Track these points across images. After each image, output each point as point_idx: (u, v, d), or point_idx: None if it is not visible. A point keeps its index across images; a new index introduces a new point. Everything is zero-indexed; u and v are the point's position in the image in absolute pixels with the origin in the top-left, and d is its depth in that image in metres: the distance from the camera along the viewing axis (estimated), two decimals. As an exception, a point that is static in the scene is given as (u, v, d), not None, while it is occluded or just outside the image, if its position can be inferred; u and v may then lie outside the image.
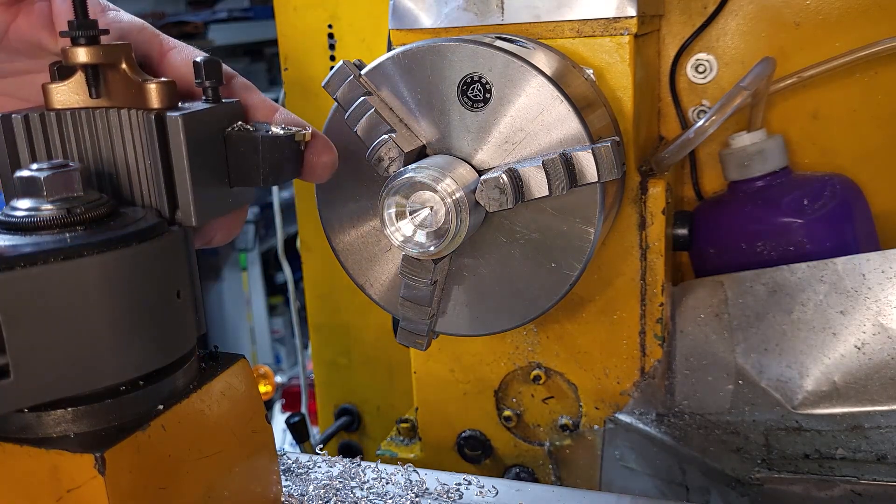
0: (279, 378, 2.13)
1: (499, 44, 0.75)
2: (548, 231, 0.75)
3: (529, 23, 0.87)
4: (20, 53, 0.66)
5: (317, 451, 0.86)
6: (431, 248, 0.71)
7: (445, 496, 0.78)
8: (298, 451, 1.01)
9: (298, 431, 1.44)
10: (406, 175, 0.70)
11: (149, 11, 4.08)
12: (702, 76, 1.07)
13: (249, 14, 4.04)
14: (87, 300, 0.54)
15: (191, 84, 0.64)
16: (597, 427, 0.98)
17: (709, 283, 1.00)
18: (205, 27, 3.78)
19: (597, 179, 0.69)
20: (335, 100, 0.77)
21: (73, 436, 0.56)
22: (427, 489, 0.79)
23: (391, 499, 0.77)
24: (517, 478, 1.04)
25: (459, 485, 0.80)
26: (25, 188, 0.58)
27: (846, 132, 1.05)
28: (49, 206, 0.57)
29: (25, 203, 0.57)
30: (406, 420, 1.15)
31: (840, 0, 1.01)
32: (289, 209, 1.59)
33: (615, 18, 0.84)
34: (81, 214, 0.57)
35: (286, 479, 0.80)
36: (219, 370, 0.67)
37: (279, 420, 2.19)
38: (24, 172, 0.58)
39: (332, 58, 1.34)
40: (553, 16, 0.86)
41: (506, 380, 1.02)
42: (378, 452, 1.14)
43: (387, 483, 0.80)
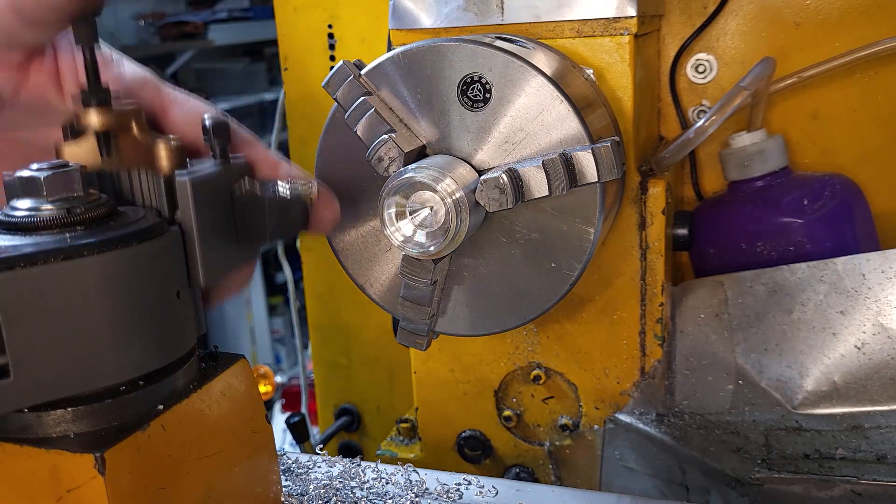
0: (279, 378, 2.13)
1: (499, 44, 0.75)
2: (548, 231, 0.75)
3: (529, 23, 0.87)
4: (30, 111, 0.68)
5: (317, 451, 0.86)
6: (431, 248, 0.71)
7: (445, 496, 0.78)
8: (298, 451, 1.01)
9: (298, 431, 1.44)
10: (406, 175, 0.70)
11: (149, 11, 4.08)
12: (702, 76, 1.07)
13: (249, 14, 4.04)
14: (87, 300, 0.54)
15: (193, 139, 0.66)
16: (597, 427, 0.98)
17: (709, 283, 1.00)
18: (205, 27, 3.79)
19: (597, 179, 0.69)
20: (335, 100, 0.77)
21: (73, 436, 0.56)
22: (427, 489, 0.79)
23: (391, 499, 0.77)
24: (517, 478, 1.04)
25: (459, 485, 0.80)
26: (25, 188, 0.58)
27: (846, 132, 1.05)
28: (49, 206, 0.57)
29: (25, 203, 0.57)
30: (406, 420, 1.15)
31: (840, 0, 1.01)
32: (289, 209, 1.59)
33: (615, 18, 0.84)
34: (81, 214, 0.57)
35: (286, 479, 0.80)
36: (219, 370, 0.67)
37: (279, 420, 2.19)
38: (24, 172, 0.58)
39: (332, 58, 1.34)
40: (553, 16, 0.86)
41: (506, 380, 1.02)
42: (378, 452, 1.14)
43: (387, 483, 0.80)
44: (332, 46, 1.34)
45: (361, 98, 0.74)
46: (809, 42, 1.03)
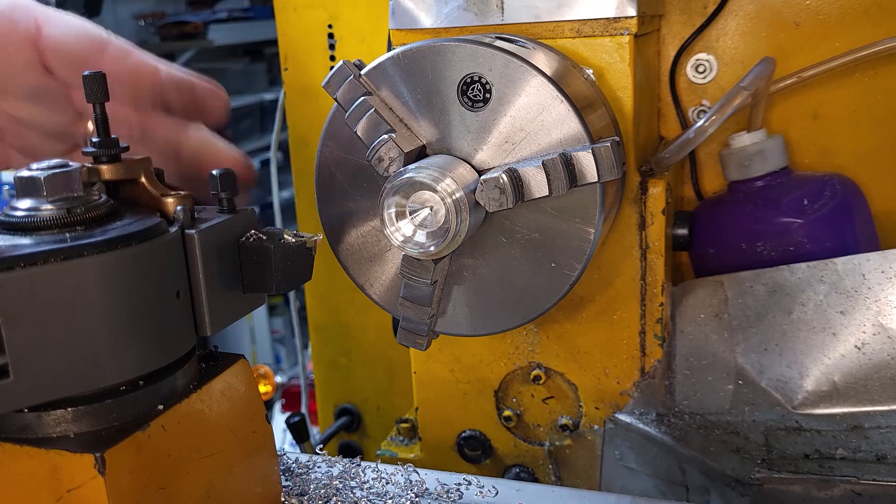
0: (279, 378, 2.13)
1: (499, 44, 0.75)
2: (548, 231, 0.75)
3: (529, 23, 0.87)
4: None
5: (317, 451, 0.86)
6: (431, 248, 0.71)
7: (445, 496, 0.78)
8: (298, 451, 1.01)
9: (298, 431, 1.44)
10: (406, 175, 0.70)
11: (149, 11, 4.08)
12: (702, 76, 1.07)
13: (249, 14, 4.04)
14: (87, 300, 0.54)
15: (70, 58, 0.69)
16: (597, 427, 0.99)
17: (709, 283, 1.00)
18: (205, 27, 3.79)
19: (597, 179, 0.69)
20: (335, 100, 0.77)
21: (73, 436, 0.56)
22: (427, 489, 0.79)
23: (391, 499, 0.77)
24: (517, 478, 1.04)
25: (459, 485, 0.80)
26: (25, 188, 0.58)
27: (846, 132, 1.05)
28: (49, 206, 0.57)
29: (25, 203, 0.57)
30: (406, 420, 1.15)
31: (840, 0, 1.01)
32: (289, 209, 1.59)
33: (615, 18, 0.84)
34: (81, 214, 0.57)
35: (286, 479, 0.80)
36: (219, 370, 0.67)
37: (279, 420, 2.19)
38: (24, 172, 0.58)
39: (332, 58, 1.34)
40: (553, 16, 0.86)
41: (506, 380, 1.02)
42: (378, 452, 1.14)
43: (387, 483, 0.80)
44: (332, 46, 1.34)
45: (361, 98, 0.74)
46: (809, 42, 1.03)
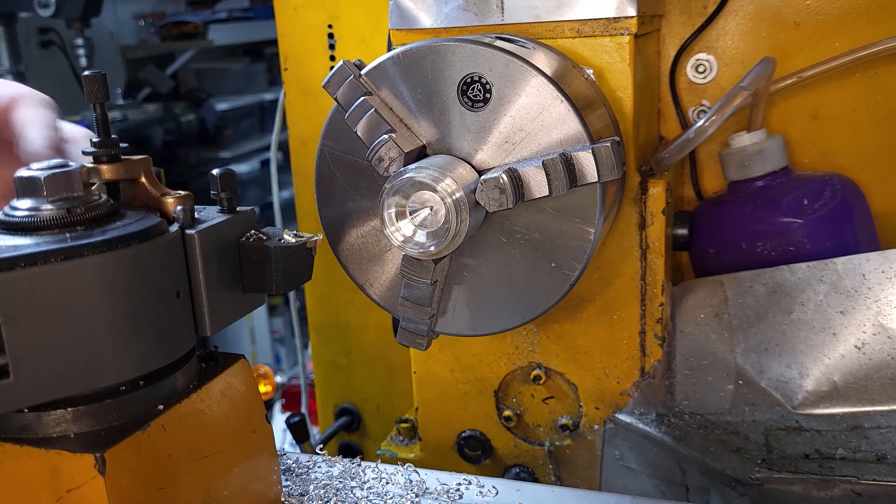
0: (279, 378, 2.13)
1: (499, 44, 0.75)
2: (548, 231, 0.75)
3: (529, 23, 0.87)
4: None
5: (317, 451, 0.86)
6: (431, 248, 0.71)
7: (445, 496, 0.78)
8: (298, 451, 1.01)
9: (298, 431, 1.44)
10: (406, 175, 0.70)
11: (149, 11, 4.07)
12: (702, 76, 1.07)
13: (249, 14, 4.03)
14: (87, 300, 0.54)
15: None
16: (597, 427, 0.98)
17: (709, 283, 1.00)
18: (205, 27, 3.79)
19: (597, 179, 0.69)
20: (335, 100, 0.77)
21: (73, 436, 0.56)
22: (427, 489, 0.79)
23: (391, 499, 0.77)
24: (517, 478, 1.04)
25: (459, 485, 0.80)
26: (25, 188, 0.58)
27: (846, 132, 1.05)
28: (49, 206, 0.57)
29: (26, 203, 0.57)
30: (406, 420, 1.15)
31: (840, 0, 1.01)
32: (289, 209, 1.59)
33: (615, 18, 0.84)
34: (81, 214, 0.57)
35: (286, 479, 0.80)
36: (219, 370, 0.67)
37: (279, 420, 2.19)
38: (25, 172, 0.58)
39: (332, 58, 1.34)
40: (553, 16, 0.86)
41: (506, 380, 1.02)
42: (378, 452, 1.14)
43: (387, 483, 0.80)
44: (332, 46, 1.34)
45: (361, 98, 0.74)
46: (809, 42, 1.03)
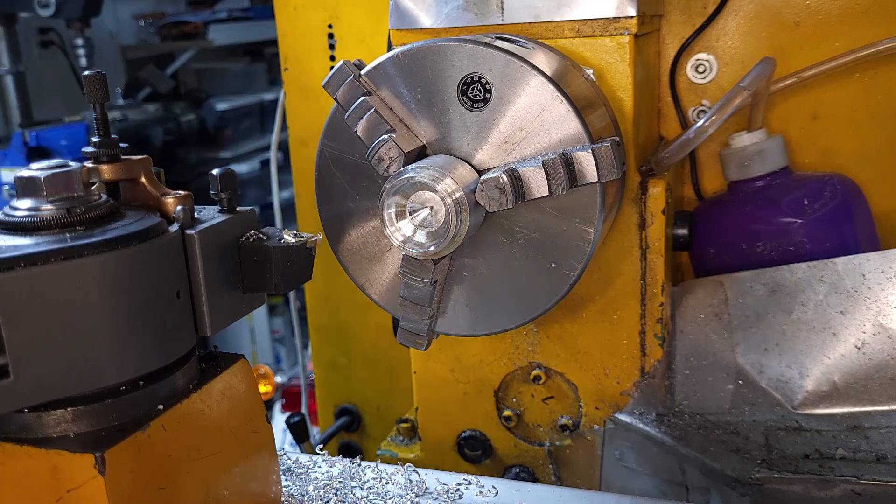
0: (279, 378, 2.13)
1: (499, 44, 0.75)
2: (548, 231, 0.75)
3: (529, 23, 0.87)
4: None
5: (317, 451, 0.86)
6: (431, 248, 0.71)
7: (445, 496, 0.78)
8: (298, 451, 1.01)
9: (298, 431, 1.44)
10: (406, 175, 0.70)
11: (149, 11, 4.07)
12: (702, 76, 1.07)
13: (249, 14, 4.03)
14: (87, 300, 0.54)
15: None
16: (597, 427, 0.98)
17: (709, 283, 1.00)
18: (205, 27, 3.78)
19: (597, 179, 0.69)
20: (335, 100, 0.77)
21: (73, 436, 0.56)
22: (427, 489, 0.79)
23: (391, 499, 0.77)
24: (517, 478, 1.04)
25: (459, 485, 0.80)
26: (26, 188, 0.58)
27: (846, 132, 1.05)
28: (49, 206, 0.57)
29: (26, 203, 0.57)
30: (406, 420, 1.15)
31: (840, 0, 1.01)
32: (289, 209, 1.59)
33: (615, 18, 0.84)
34: (81, 214, 0.57)
35: (286, 479, 0.80)
36: (219, 370, 0.67)
37: (279, 420, 2.19)
38: (24, 172, 0.58)
39: (332, 58, 1.34)
40: (553, 16, 0.86)
41: (506, 380, 1.02)
42: (378, 452, 1.14)
43: (387, 483, 0.80)
44: (332, 46, 1.34)
45: (361, 98, 0.74)
46: (809, 42, 1.03)
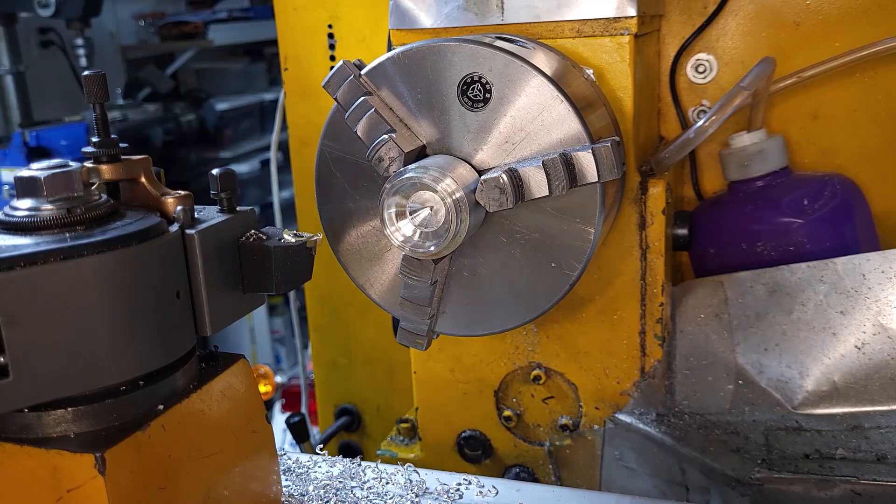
0: (279, 378, 2.13)
1: (499, 44, 0.75)
2: (548, 231, 0.75)
3: (529, 23, 0.87)
4: None
5: (317, 451, 0.86)
6: (431, 248, 0.71)
7: (445, 496, 0.78)
8: (298, 451, 1.01)
9: (298, 431, 1.44)
10: (406, 175, 0.70)
11: (149, 11, 4.07)
12: (702, 76, 1.07)
13: (249, 14, 4.03)
14: (87, 300, 0.54)
15: None
16: (597, 427, 0.98)
17: (709, 283, 1.00)
18: (205, 27, 3.78)
19: (597, 179, 0.69)
20: (335, 100, 0.77)
21: (74, 436, 0.56)
22: (427, 489, 0.79)
23: (391, 499, 0.77)
24: (517, 478, 1.04)
25: (460, 485, 0.80)
26: (26, 188, 0.58)
27: (846, 132, 1.05)
28: (49, 206, 0.57)
29: (26, 203, 0.57)
30: (406, 420, 1.15)
31: (840, 0, 1.01)
32: (289, 209, 1.59)
33: (615, 18, 0.84)
34: (81, 214, 0.57)
35: (286, 479, 0.80)
36: (219, 370, 0.67)
37: (279, 420, 2.19)
38: (24, 172, 0.58)
39: (332, 58, 1.34)
40: (553, 16, 0.86)
41: (506, 380, 1.02)
42: (378, 452, 1.14)
43: (387, 483, 0.80)
44: (332, 46, 1.34)
45: (361, 98, 0.74)
46: (809, 42, 1.03)
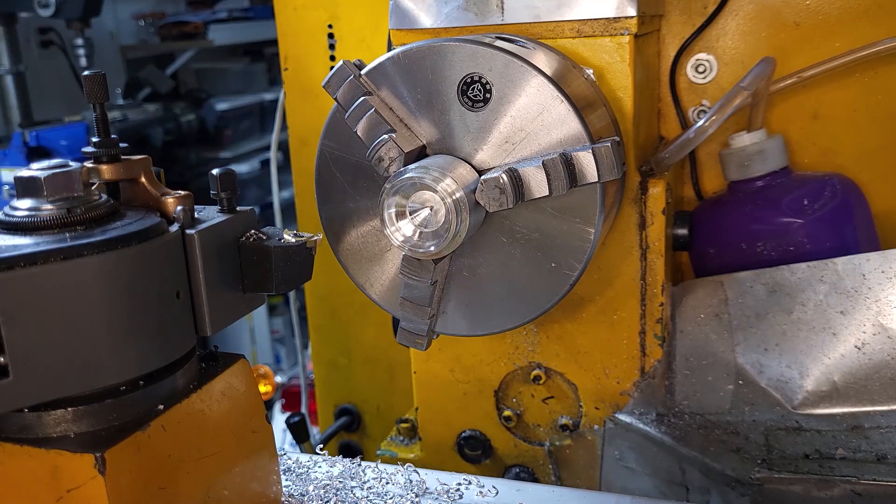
0: (279, 378, 2.13)
1: (499, 44, 0.75)
2: (548, 231, 0.75)
3: (529, 23, 0.87)
4: None
5: (317, 451, 0.86)
6: (431, 248, 0.71)
7: (445, 496, 0.78)
8: (298, 451, 1.01)
9: (298, 431, 1.44)
10: (406, 175, 0.70)
11: (149, 11, 4.07)
12: (702, 76, 1.07)
13: (249, 14, 4.03)
14: (87, 300, 0.54)
15: None
16: (597, 427, 0.98)
17: (709, 283, 1.00)
18: (205, 27, 3.79)
19: (597, 179, 0.69)
20: (335, 100, 0.77)
21: (74, 436, 0.56)
22: (427, 489, 0.79)
23: (391, 499, 0.77)
24: (517, 478, 1.04)
25: (460, 485, 0.80)
26: (26, 188, 0.58)
27: (846, 132, 1.05)
28: (49, 206, 0.57)
29: (26, 203, 0.57)
30: (406, 420, 1.15)
31: (840, 0, 1.01)
32: (289, 209, 1.59)
33: (615, 18, 0.84)
34: (81, 214, 0.57)
35: (286, 479, 0.80)
36: (219, 370, 0.67)
37: (279, 420, 2.19)
38: (25, 172, 0.58)
39: (332, 58, 1.34)
40: (553, 16, 0.86)
41: (506, 380, 1.02)
42: (378, 452, 1.14)
43: (387, 483, 0.80)
44: (332, 46, 1.34)
45: (361, 98, 0.74)
46: (809, 42, 1.03)
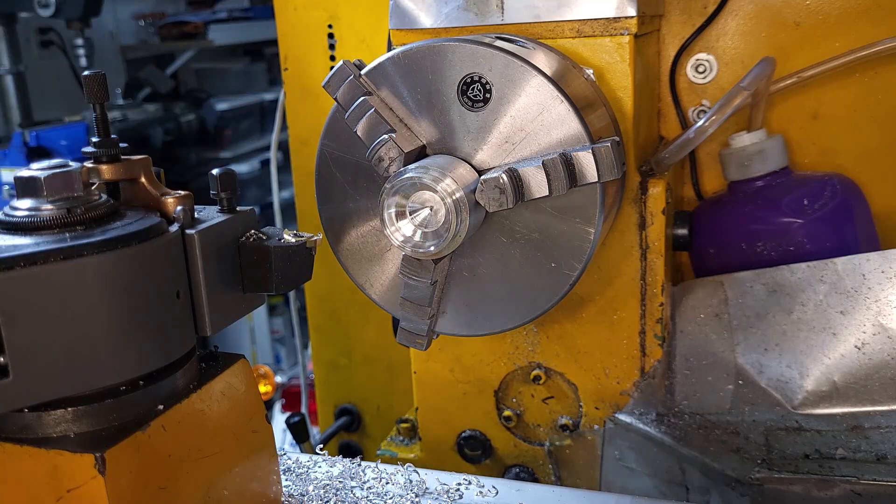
0: (279, 378, 2.13)
1: (499, 44, 0.75)
2: (548, 231, 0.75)
3: (529, 23, 0.87)
4: None
5: (317, 451, 0.86)
6: (431, 248, 0.71)
7: (445, 496, 0.78)
8: (298, 451, 1.01)
9: (298, 431, 1.44)
10: (406, 175, 0.70)
11: (149, 11, 4.07)
12: (702, 76, 1.07)
13: (249, 14, 4.03)
14: (87, 300, 0.54)
15: None
16: (597, 427, 0.98)
17: (709, 283, 1.00)
18: (205, 27, 3.79)
19: (597, 179, 0.69)
20: (335, 100, 0.77)
21: (74, 436, 0.56)
22: (427, 489, 0.79)
23: (391, 499, 0.77)
24: (517, 478, 1.04)
25: (459, 485, 0.80)
26: (26, 188, 0.58)
27: (846, 132, 1.05)
28: (49, 206, 0.57)
29: (26, 203, 0.57)
30: (406, 420, 1.15)
31: (840, 0, 1.01)
32: (289, 209, 1.59)
33: (615, 18, 0.84)
34: (81, 214, 0.57)
35: (286, 479, 0.80)
36: (219, 370, 0.67)
37: (279, 420, 2.19)
38: (24, 172, 0.58)
39: (332, 58, 1.34)
40: (553, 16, 0.86)
41: (506, 380, 1.02)
42: (378, 452, 1.14)
43: (387, 483, 0.80)
44: (332, 46, 1.34)
45: (361, 98, 0.74)
46: (809, 42, 1.03)
